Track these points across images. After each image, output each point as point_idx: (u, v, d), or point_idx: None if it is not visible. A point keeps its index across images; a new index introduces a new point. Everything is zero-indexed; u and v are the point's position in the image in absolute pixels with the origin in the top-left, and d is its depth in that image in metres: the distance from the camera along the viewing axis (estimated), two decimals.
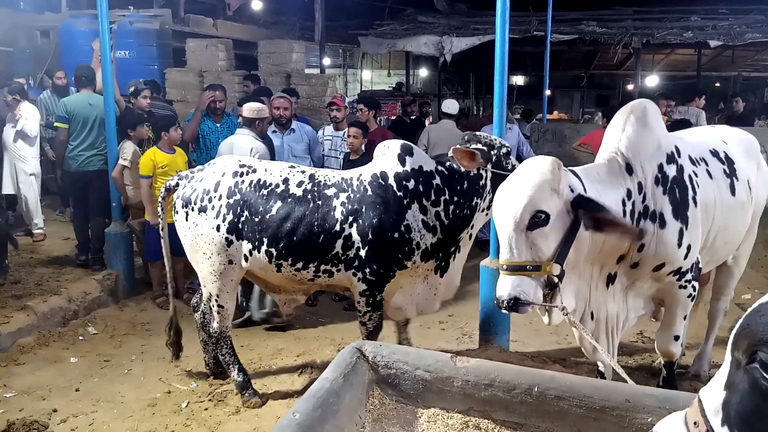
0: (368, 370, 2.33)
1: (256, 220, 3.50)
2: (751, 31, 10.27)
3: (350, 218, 3.47)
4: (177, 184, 3.76)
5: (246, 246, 3.54)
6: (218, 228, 3.54)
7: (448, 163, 3.61)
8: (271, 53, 9.28)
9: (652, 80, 15.25)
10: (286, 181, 3.58)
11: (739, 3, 11.74)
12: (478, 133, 3.74)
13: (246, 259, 3.58)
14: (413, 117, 8.88)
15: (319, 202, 3.51)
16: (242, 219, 3.53)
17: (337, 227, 3.46)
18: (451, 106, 7.02)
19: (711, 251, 3.27)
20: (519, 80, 20.14)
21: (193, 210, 3.60)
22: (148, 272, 5.75)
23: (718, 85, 17.64)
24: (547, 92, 10.96)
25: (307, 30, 14.89)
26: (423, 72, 21.84)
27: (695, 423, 1.21)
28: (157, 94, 7.69)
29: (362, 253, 3.48)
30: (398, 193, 3.48)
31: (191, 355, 4.45)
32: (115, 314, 5.24)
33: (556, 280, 2.45)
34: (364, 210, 3.47)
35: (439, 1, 13.18)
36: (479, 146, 3.52)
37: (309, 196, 3.52)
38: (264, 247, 3.51)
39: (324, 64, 11.94)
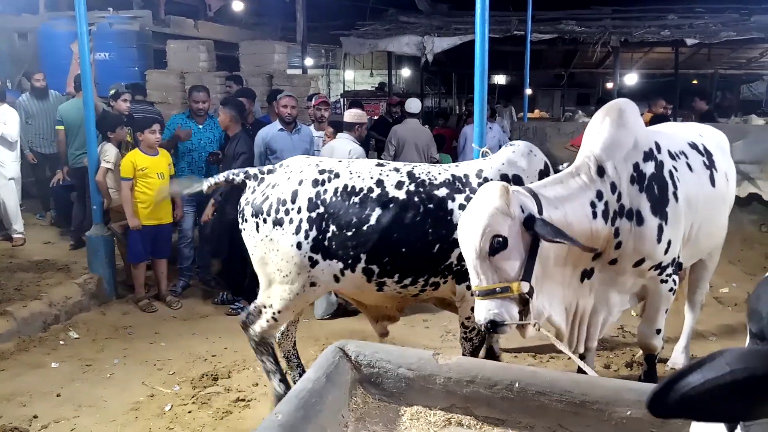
0: (351, 370, 2.35)
1: (349, 234, 3.03)
2: (726, 29, 10.44)
3: None
4: (244, 183, 3.29)
5: (336, 266, 3.08)
6: (299, 245, 3.07)
7: None
8: (253, 54, 9.26)
9: (631, 78, 15.45)
10: (380, 183, 3.10)
11: (715, 2, 11.94)
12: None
13: (337, 280, 3.13)
14: (396, 117, 8.94)
15: (430, 206, 3.05)
16: (328, 235, 3.05)
17: (455, 234, 2.99)
18: (413, 105, 7.21)
19: (695, 244, 3.33)
20: (500, 79, 20.26)
21: (266, 222, 3.13)
22: (130, 275, 5.70)
23: (695, 82, 17.90)
24: (528, 91, 11.04)
25: (288, 31, 14.83)
26: (405, 72, 21.89)
27: None
28: (142, 97, 7.63)
29: None
30: None
31: (174, 358, 4.44)
32: (96, 318, 5.19)
33: (527, 296, 2.54)
34: None
35: (420, 2, 13.22)
36: None
37: (416, 199, 3.05)
38: (361, 265, 3.05)
39: (306, 65, 11.93)
